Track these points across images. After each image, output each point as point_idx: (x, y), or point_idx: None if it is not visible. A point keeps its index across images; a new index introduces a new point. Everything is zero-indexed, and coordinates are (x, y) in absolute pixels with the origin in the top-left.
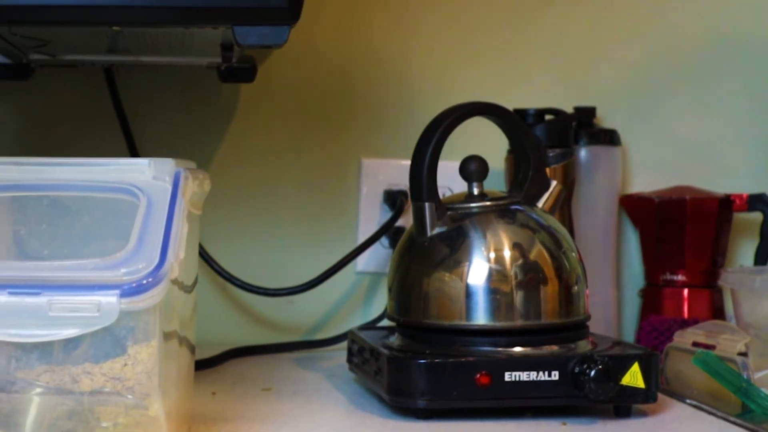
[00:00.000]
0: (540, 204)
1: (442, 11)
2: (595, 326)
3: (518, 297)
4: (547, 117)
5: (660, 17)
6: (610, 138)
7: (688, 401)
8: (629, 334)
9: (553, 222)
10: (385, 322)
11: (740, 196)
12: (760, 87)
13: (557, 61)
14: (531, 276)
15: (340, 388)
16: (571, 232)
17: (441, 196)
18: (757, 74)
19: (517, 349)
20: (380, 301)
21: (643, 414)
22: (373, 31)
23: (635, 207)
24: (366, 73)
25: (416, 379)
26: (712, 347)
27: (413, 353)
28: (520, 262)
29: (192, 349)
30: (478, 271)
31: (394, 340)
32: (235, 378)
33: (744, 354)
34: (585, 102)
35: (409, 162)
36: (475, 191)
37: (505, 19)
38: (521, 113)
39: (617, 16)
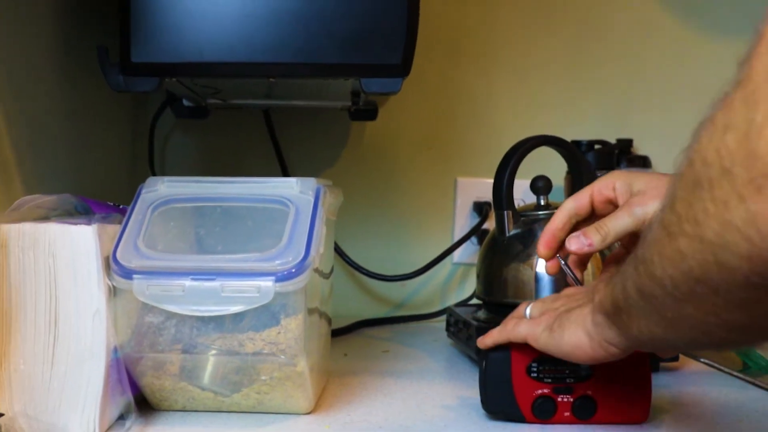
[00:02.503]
0: None
1: (520, 66)
2: None
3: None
4: (596, 146)
5: (683, 74)
6: (643, 162)
7: (701, 360)
8: None
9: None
10: (474, 301)
11: None
12: None
13: (604, 105)
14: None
15: (441, 350)
16: None
17: (516, 206)
18: None
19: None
20: (471, 285)
21: (668, 369)
22: (465, 80)
23: None
24: (460, 113)
25: None
26: None
27: (495, 324)
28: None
29: (329, 321)
30: (544, 262)
31: (481, 314)
32: (362, 343)
33: None
34: (624, 135)
35: (492, 180)
36: (542, 202)
37: (566, 73)
38: (576, 144)
39: (649, 73)
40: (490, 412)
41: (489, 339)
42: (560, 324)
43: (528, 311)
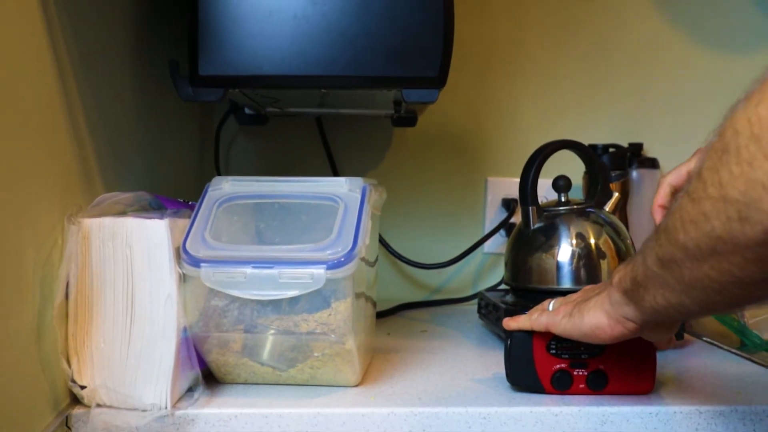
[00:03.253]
0: (606, 208)
1: (543, 78)
2: None
3: (591, 268)
4: (611, 149)
5: (688, 85)
6: (652, 164)
7: (704, 339)
8: None
9: (615, 220)
10: (503, 287)
11: None
12: None
13: (617, 113)
14: (599, 255)
15: (473, 330)
16: (627, 226)
17: (540, 202)
18: None
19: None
20: (499, 272)
21: (674, 348)
22: (495, 90)
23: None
24: (490, 119)
25: None
26: None
27: (521, 306)
28: (592, 245)
29: (374, 304)
30: (564, 252)
31: (509, 298)
32: (403, 323)
33: None
34: (635, 139)
35: (518, 179)
36: (563, 199)
37: (584, 85)
38: (593, 147)
39: (658, 84)
40: (514, 384)
41: (513, 323)
42: (579, 310)
43: (551, 305)
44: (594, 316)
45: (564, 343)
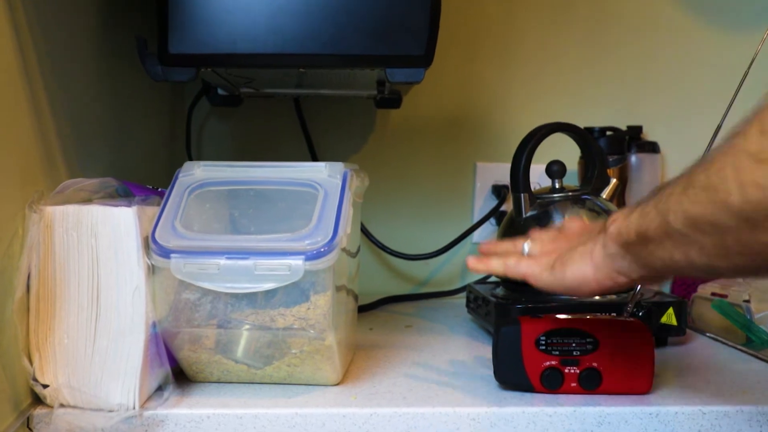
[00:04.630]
0: (603, 195)
1: (535, 57)
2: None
3: None
4: (608, 133)
5: (690, 64)
6: (653, 148)
7: (707, 335)
8: (666, 287)
9: (612, 207)
10: (493, 279)
11: None
12: None
13: (615, 93)
14: None
15: (461, 325)
16: None
17: (532, 189)
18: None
19: (586, 297)
20: None
21: (676, 344)
22: (483, 71)
23: None
24: (479, 101)
25: None
26: (725, 296)
27: (512, 300)
28: None
29: (356, 297)
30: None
31: (499, 291)
32: (386, 318)
33: (747, 301)
34: (634, 122)
35: (510, 165)
36: (557, 185)
37: (579, 64)
38: (589, 130)
39: (658, 63)
40: (501, 383)
41: (482, 265)
42: (562, 262)
43: (526, 248)
44: (579, 269)
45: (554, 339)
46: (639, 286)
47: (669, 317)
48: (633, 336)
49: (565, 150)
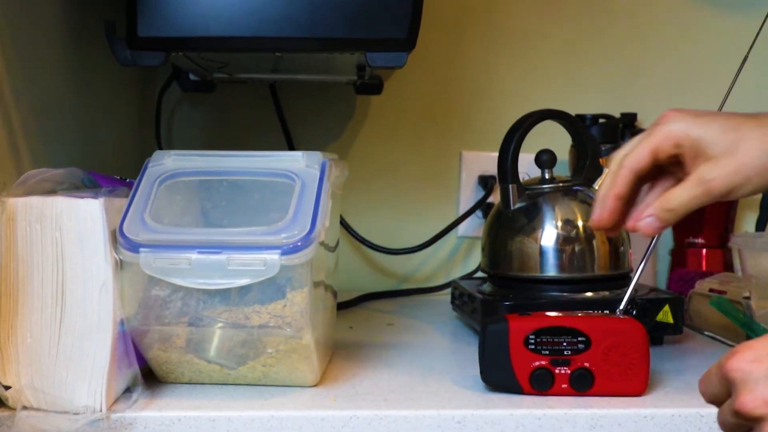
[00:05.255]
0: (595, 186)
1: (521, 41)
2: None
3: (578, 254)
4: (601, 120)
5: (688, 47)
6: None
7: (705, 333)
8: (662, 283)
9: None
10: (479, 274)
11: None
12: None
13: (608, 78)
14: (588, 239)
15: (445, 323)
16: None
17: (521, 180)
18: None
19: (578, 294)
20: (475, 258)
21: (672, 343)
22: (468, 55)
23: None
24: (465, 87)
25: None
26: (724, 293)
27: (500, 297)
28: (579, 228)
29: (335, 294)
30: (548, 236)
31: (486, 287)
32: (367, 316)
33: (748, 298)
34: (629, 109)
35: (497, 154)
36: (547, 176)
37: (570, 46)
38: (581, 117)
39: (654, 46)
40: (488, 384)
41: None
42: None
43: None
44: None
45: (544, 337)
46: (633, 282)
47: (665, 315)
48: (627, 335)
49: (556, 138)
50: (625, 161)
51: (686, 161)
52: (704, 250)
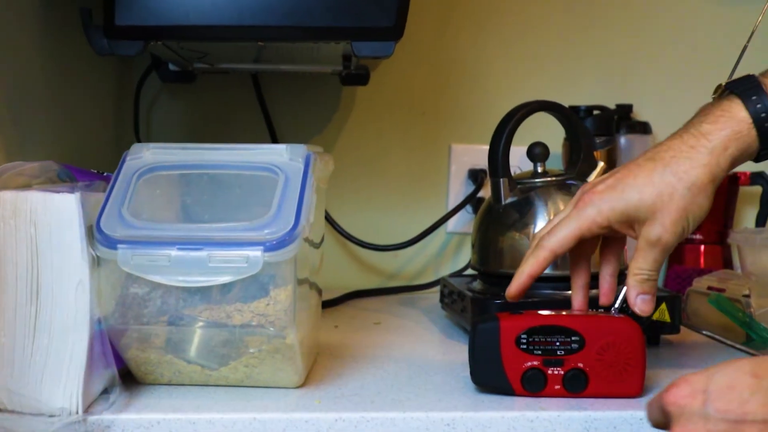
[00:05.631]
0: (589, 180)
1: (513, 29)
2: None
3: (572, 250)
4: (595, 112)
5: (685, 37)
6: (644, 128)
7: (704, 332)
8: (659, 280)
9: None
10: (469, 272)
11: (744, 174)
12: None
13: (603, 69)
14: None
15: (434, 322)
16: None
17: (512, 173)
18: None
19: (570, 292)
20: (465, 255)
21: (669, 342)
22: (458, 44)
23: None
24: (453, 77)
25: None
26: (722, 290)
27: (491, 295)
28: None
29: (319, 291)
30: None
31: (476, 285)
32: (353, 314)
33: (747, 296)
34: (624, 100)
35: (488, 147)
36: (539, 169)
37: (563, 36)
38: (575, 109)
39: (651, 36)
40: (479, 385)
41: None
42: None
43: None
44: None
45: (536, 337)
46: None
47: (662, 313)
48: (622, 334)
49: (549, 131)
50: (546, 242)
51: (622, 230)
52: (702, 247)
